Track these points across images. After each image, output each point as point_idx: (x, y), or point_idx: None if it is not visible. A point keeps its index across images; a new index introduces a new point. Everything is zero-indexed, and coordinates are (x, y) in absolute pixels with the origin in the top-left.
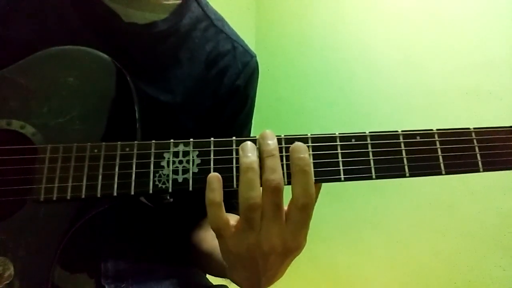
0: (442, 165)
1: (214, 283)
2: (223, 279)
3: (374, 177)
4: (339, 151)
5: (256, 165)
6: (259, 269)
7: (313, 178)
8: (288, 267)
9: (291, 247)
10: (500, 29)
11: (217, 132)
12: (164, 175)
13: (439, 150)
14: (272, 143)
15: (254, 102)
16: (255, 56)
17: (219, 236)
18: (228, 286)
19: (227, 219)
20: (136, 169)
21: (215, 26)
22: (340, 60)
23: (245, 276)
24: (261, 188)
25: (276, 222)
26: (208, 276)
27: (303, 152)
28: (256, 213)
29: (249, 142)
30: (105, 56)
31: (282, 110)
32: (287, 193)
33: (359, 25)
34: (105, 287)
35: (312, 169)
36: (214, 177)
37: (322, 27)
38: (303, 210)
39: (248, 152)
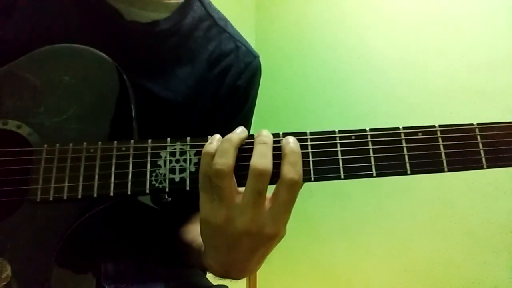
0: (444, 162)
1: (214, 283)
2: (222, 279)
3: (374, 174)
4: (338, 148)
5: (235, 140)
6: (230, 251)
7: (302, 161)
8: (289, 267)
9: (268, 233)
10: (500, 29)
11: (216, 131)
12: (161, 174)
13: (441, 147)
14: (267, 136)
15: (255, 103)
16: (258, 57)
17: (202, 189)
18: (228, 286)
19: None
20: (132, 168)
21: (218, 26)
22: (340, 60)
23: (217, 259)
24: (246, 175)
25: (255, 209)
26: (208, 276)
27: (293, 142)
28: (222, 182)
29: (241, 127)
30: (102, 54)
31: (282, 110)
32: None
33: (359, 25)
34: (105, 287)
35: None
36: (216, 135)
37: (322, 27)
38: (291, 187)
39: (236, 132)
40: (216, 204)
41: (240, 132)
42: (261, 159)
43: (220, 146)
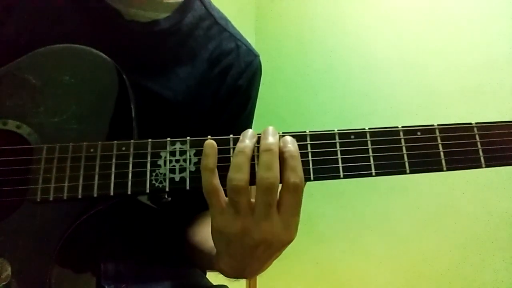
0: (443, 161)
1: (214, 283)
2: (222, 278)
3: (374, 174)
4: (338, 148)
5: (248, 150)
6: (246, 258)
7: (301, 163)
8: (289, 267)
9: (283, 240)
10: (500, 29)
11: (217, 132)
12: (161, 174)
13: (440, 146)
14: (273, 138)
15: (256, 102)
16: (259, 56)
17: (210, 204)
18: (228, 287)
19: (217, 186)
20: (132, 168)
21: (218, 25)
22: (340, 60)
23: (231, 264)
24: (255, 183)
25: (268, 220)
26: (208, 276)
27: (291, 143)
28: (239, 197)
29: (250, 130)
30: (101, 54)
31: (282, 110)
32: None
33: (359, 25)
34: (105, 287)
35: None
36: (209, 143)
37: (322, 27)
38: (295, 191)
39: (246, 139)
40: (229, 216)
41: (250, 137)
42: (268, 172)
43: (234, 160)
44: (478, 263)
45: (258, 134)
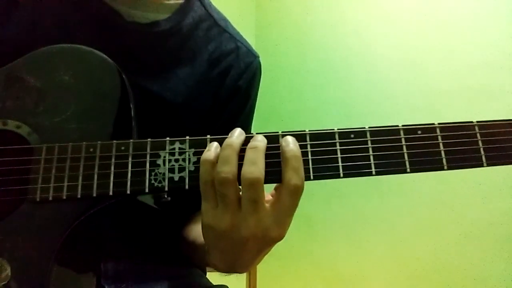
0: (444, 160)
1: (214, 283)
2: (221, 277)
3: (374, 173)
4: (338, 147)
5: (235, 144)
6: (236, 253)
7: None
8: (288, 267)
9: (273, 236)
10: (500, 29)
11: (217, 132)
12: (160, 173)
13: (441, 145)
14: (260, 141)
15: (255, 103)
16: (258, 57)
17: (205, 197)
18: (228, 287)
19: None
20: (132, 168)
21: (218, 26)
22: (340, 60)
23: (222, 259)
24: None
25: (255, 215)
26: (208, 276)
27: (293, 144)
28: (227, 190)
29: (238, 128)
30: (101, 54)
31: (282, 110)
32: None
33: (359, 25)
34: (105, 287)
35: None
36: (214, 142)
37: (322, 27)
38: (294, 193)
39: (234, 135)
40: (220, 211)
41: (238, 134)
42: (251, 167)
43: (222, 153)
44: (478, 263)
45: (251, 134)
